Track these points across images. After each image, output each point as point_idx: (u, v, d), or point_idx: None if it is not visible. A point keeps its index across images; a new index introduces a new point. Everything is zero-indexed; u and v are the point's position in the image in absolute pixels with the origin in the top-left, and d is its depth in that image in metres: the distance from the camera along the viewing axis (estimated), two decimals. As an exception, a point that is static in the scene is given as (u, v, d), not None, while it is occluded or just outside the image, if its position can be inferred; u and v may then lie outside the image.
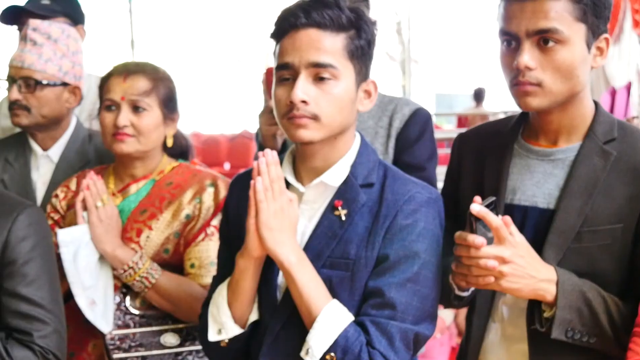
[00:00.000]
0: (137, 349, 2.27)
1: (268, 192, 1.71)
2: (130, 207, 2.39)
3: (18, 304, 1.88)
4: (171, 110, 2.42)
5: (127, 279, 2.27)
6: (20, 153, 2.74)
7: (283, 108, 1.75)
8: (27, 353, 1.85)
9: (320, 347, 1.66)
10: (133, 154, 2.37)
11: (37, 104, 2.60)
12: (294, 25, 1.73)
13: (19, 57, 2.61)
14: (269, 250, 1.71)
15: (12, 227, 1.89)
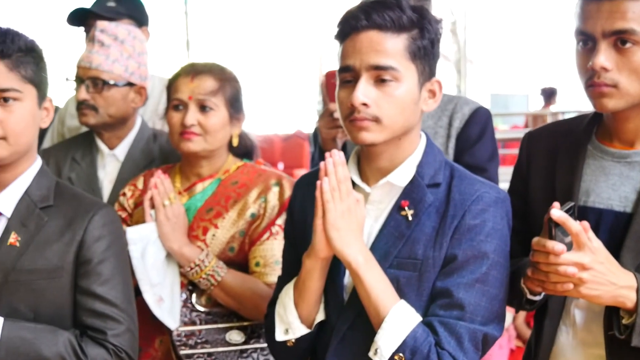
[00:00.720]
0: (203, 346, 2.30)
1: (335, 193, 1.71)
2: (196, 205, 2.42)
3: (93, 303, 1.91)
4: (237, 110, 2.45)
5: (194, 276, 2.31)
6: (86, 152, 2.80)
7: (345, 110, 1.76)
8: (101, 351, 1.88)
9: (389, 348, 1.66)
10: (200, 153, 2.41)
11: (104, 103, 2.65)
12: (355, 28, 1.73)
13: (87, 58, 2.66)
14: (336, 251, 1.71)
15: (87, 227, 1.92)
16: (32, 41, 1.94)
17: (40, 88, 1.93)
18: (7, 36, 1.87)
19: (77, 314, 1.92)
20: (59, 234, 1.92)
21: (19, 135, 1.88)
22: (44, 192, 1.96)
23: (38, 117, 1.94)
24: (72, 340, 1.86)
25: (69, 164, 2.77)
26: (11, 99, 1.86)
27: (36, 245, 1.90)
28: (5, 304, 1.87)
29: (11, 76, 1.86)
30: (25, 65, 1.88)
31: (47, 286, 1.89)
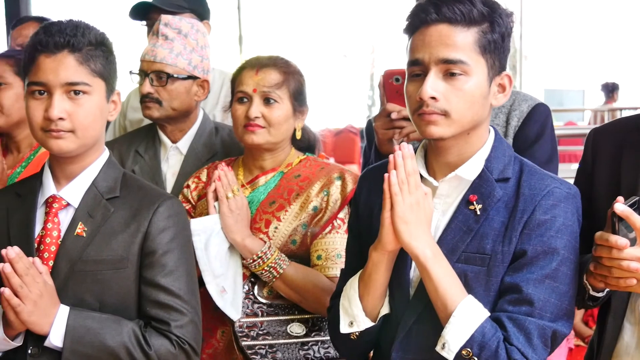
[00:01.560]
0: (264, 337, 2.32)
1: (404, 186, 1.70)
2: (259, 198, 2.43)
3: (157, 294, 1.92)
4: (300, 103, 2.46)
5: (256, 268, 2.32)
6: (150, 145, 2.82)
7: (413, 104, 1.74)
8: (164, 341, 1.90)
9: (457, 342, 1.65)
10: (263, 145, 2.42)
11: (168, 97, 2.67)
12: (424, 21, 1.72)
13: (151, 52, 2.69)
14: (404, 244, 1.70)
15: (152, 219, 1.94)
16: (102, 34, 1.96)
17: (109, 81, 1.95)
18: (78, 30, 1.90)
19: (142, 305, 1.94)
20: (125, 225, 1.94)
21: (87, 129, 1.90)
22: (110, 183, 1.99)
23: (106, 111, 1.96)
24: (136, 331, 1.89)
25: (133, 156, 2.80)
26: (80, 92, 1.88)
27: (102, 236, 1.93)
28: (71, 293, 1.90)
29: (81, 70, 1.88)
30: (95, 59, 1.90)
31: (113, 277, 1.92)
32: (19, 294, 1.78)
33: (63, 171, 1.98)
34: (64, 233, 1.94)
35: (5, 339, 1.86)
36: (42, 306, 1.81)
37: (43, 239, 1.93)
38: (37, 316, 1.81)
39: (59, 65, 1.87)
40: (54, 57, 1.87)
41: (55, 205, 1.95)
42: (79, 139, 1.90)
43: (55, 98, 1.86)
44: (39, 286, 1.81)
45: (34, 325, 1.82)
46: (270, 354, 2.29)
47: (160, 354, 1.88)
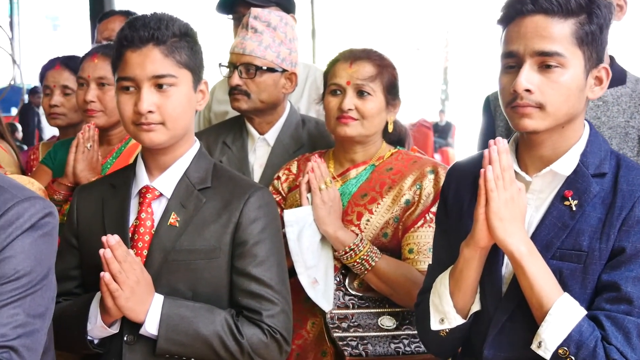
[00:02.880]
0: (355, 330, 2.32)
1: (499, 181, 1.68)
2: (350, 190, 2.44)
3: (248, 284, 1.94)
4: (393, 97, 2.46)
5: (348, 260, 2.33)
6: (237, 136, 2.85)
7: (507, 97, 1.72)
8: (256, 331, 1.92)
9: (554, 341, 1.63)
10: (355, 138, 2.43)
11: (256, 89, 2.70)
12: (520, 12, 1.69)
13: (240, 44, 2.71)
14: (499, 241, 1.68)
15: (243, 209, 1.96)
16: (186, 25, 1.97)
17: (195, 71, 1.96)
18: (162, 22, 1.91)
19: (233, 295, 1.96)
20: (216, 215, 1.96)
21: (176, 120, 1.92)
22: (202, 174, 2.01)
23: (194, 100, 1.98)
24: (229, 320, 1.91)
25: (220, 148, 2.83)
26: (167, 84, 1.90)
27: (194, 226, 1.95)
28: (165, 282, 1.94)
29: (166, 62, 1.90)
30: (180, 50, 1.92)
31: (205, 266, 1.95)
32: (117, 280, 1.82)
33: (155, 162, 2.01)
34: (157, 223, 1.97)
35: (102, 326, 1.90)
36: (138, 293, 1.85)
37: (137, 229, 1.97)
38: (133, 303, 1.85)
39: (145, 59, 1.90)
40: (140, 51, 1.90)
41: (148, 195, 1.99)
42: (169, 130, 1.92)
43: (143, 92, 1.90)
44: (137, 273, 1.85)
45: (130, 312, 1.86)
46: (361, 346, 2.29)
47: (252, 343, 1.90)
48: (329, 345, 2.37)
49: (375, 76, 2.41)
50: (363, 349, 2.29)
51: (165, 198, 1.99)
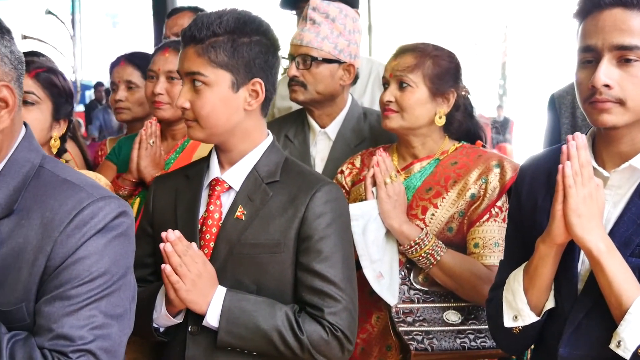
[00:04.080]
0: (421, 324, 2.31)
1: (577, 178, 1.64)
2: (415, 184, 2.42)
3: (312, 280, 1.93)
4: (441, 88, 2.40)
5: (413, 254, 2.31)
6: (299, 130, 2.85)
7: (585, 92, 1.68)
8: (317, 327, 1.91)
9: (634, 341, 1.59)
10: (398, 130, 2.42)
11: (312, 80, 2.70)
12: (597, 5, 1.65)
13: (298, 36, 2.72)
14: (577, 238, 1.65)
15: (309, 204, 1.95)
16: (239, 23, 1.94)
17: (236, 71, 1.93)
18: (207, 20, 1.92)
19: (297, 290, 1.96)
20: (282, 209, 1.96)
21: (207, 119, 1.94)
22: (271, 167, 2.02)
23: (234, 101, 1.95)
24: (290, 315, 1.91)
25: (282, 141, 2.83)
26: (199, 82, 1.92)
27: (260, 220, 1.96)
28: (230, 275, 1.95)
29: (199, 61, 1.91)
30: (217, 49, 1.91)
31: (269, 260, 1.95)
32: (178, 273, 1.85)
33: (225, 156, 2.03)
34: (224, 216, 1.99)
35: (167, 316, 1.94)
36: (200, 286, 1.87)
37: (205, 221, 2.00)
38: (194, 295, 1.87)
39: (184, 57, 1.94)
40: (184, 49, 1.95)
41: (217, 188, 2.01)
42: (204, 128, 1.95)
43: (182, 88, 1.95)
44: (198, 266, 1.87)
45: (191, 304, 1.89)
46: (426, 341, 2.28)
47: (312, 340, 1.90)
48: (394, 339, 2.36)
49: (415, 67, 2.38)
50: (428, 344, 2.28)
51: (234, 191, 2.01)
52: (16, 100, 1.50)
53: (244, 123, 1.99)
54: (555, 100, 2.88)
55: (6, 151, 1.53)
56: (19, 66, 1.52)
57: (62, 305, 1.44)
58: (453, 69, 2.45)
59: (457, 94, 2.44)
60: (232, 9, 1.97)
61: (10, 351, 1.40)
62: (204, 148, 2.63)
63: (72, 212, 1.47)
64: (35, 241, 1.46)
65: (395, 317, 2.31)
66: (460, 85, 2.46)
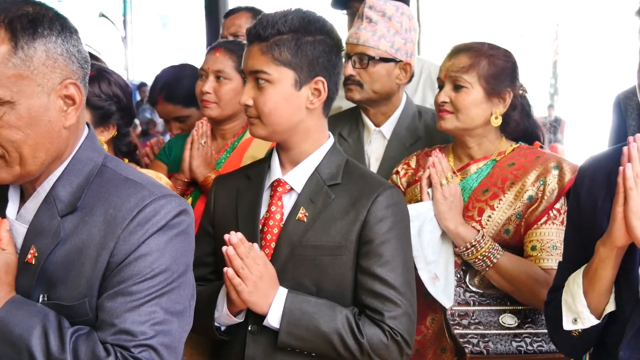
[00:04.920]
0: (476, 327, 2.29)
1: (639, 179, 1.62)
2: (471, 186, 2.40)
3: (372, 283, 1.93)
4: (497, 88, 2.37)
5: (468, 257, 2.29)
6: (353, 128, 2.84)
7: None
8: (377, 331, 1.91)
9: None
10: (453, 131, 2.40)
11: (369, 79, 2.69)
12: None
13: (354, 35, 2.71)
14: (638, 240, 1.62)
15: (371, 208, 1.94)
16: (303, 22, 1.95)
17: (300, 70, 1.93)
18: (272, 19, 1.93)
19: (357, 293, 1.96)
20: (344, 212, 1.96)
21: (270, 116, 1.94)
22: (333, 170, 2.02)
23: (296, 99, 1.95)
24: (350, 318, 1.91)
25: (336, 139, 2.80)
26: (263, 80, 1.92)
27: (322, 222, 1.96)
28: (290, 276, 1.96)
29: (263, 59, 1.92)
30: (282, 48, 1.91)
31: (330, 263, 1.95)
32: (240, 275, 1.86)
33: (286, 156, 2.03)
34: (286, 217, 2.00)
35: (228, 315, 1.95)
36: (261, 287, 1.88)
37: (267, 221, 2.00)
38: (256, 296, 1.88)
39: (248, 55, 1.95)
40: (249, 47, 1.96)
41: (279, 189, 2.02)
42: (266, 125, 1.95)
43: (246, 86, 1.96)
44: (259, 268, 1.88)
45: (253, 305, 1.90)
46: (482, 344, 2.26)
47: (372, 343, 1.89)
48: (448, 341, 2.34)
49: (470, 67, 2.35)
50: (484, 347, 2.26)
51: (296, 192, 2.01)
52: (82, 98, 1.53)
53: (305, 122, 1.99)
54: (621, 101, 2.83)
55: (71, 149, 1.56)
56: (85, 65, 1.54)
57: (124, 301, 1.46)
58: (509, 69, 2.41)
59: (514, 94, 2.40)
60: (297, 9, 1.98)
61: (74, 345, 1.43)
62: (255, 148, 2.65)
63: (135, 210, 1.50)
64: (98, 238, 1.49)
65: (450, 319, 2.30)
66: (517, 85, 2.42)
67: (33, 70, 1.43)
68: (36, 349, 1.41)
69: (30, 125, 1.45)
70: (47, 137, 1.48)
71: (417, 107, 2.87)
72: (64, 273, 1.50)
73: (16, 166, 1.47)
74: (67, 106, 1.50)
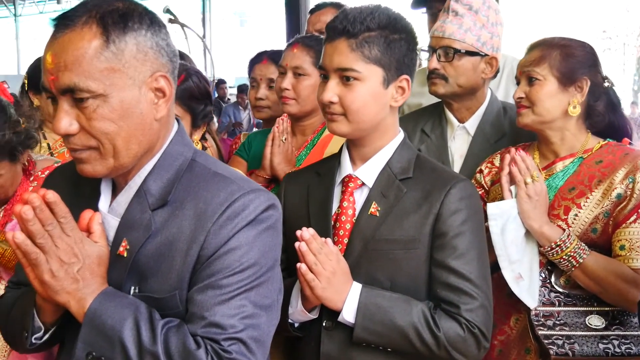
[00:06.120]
0: (561, 328, 2.24)
1: None
2: (556, 184, 2.35)
3: (447, 276, 1.91)
4: (572, 77, 2.32)
5: (554, 256, 2.24)
6: (436, 124, 2.81)
7: None
8: (453, 324, 1.89)
9: None
10: (532, 126, 2.37)
11: (454, 73, 2.65)
12: None
13: (440, 28, 2.68)
14: None
15: (444, 200, 1.93)
16: (391, 19, 1.94)
17: (388, 67, 1.93)
18: (360, 15, 1.91)
19: (431, 287, 1.94)
20: (417, 205, 1.95)
21: (356, 113, 1.93)
22: (404, 164, 2.01)
23: (382, 97, 1.95)
24: (426, 312, 1.89)
25: (419, 136, 2.80)
26: (351, 78, 1.91)
27: (394, 216, 1.95)
28: (364, 271, 1.95)
29: (352, 56, 1.90)
30: (371, 45, 1.90)
31: (404, 257, 1.94)
32: (313, 271, 1.87)
33: (357, 152, 2.03)
34: (358, 212, 1.99)
35: (303, 311, 1.96)
36: (335, 283, 1.89)
37: (339, 217, 2.00)
38: (330, 292, 1.89)
39: (334, 51, 1.93)
40: (332, 43, 1.93)
41: (351, 184, 2.02)
42: (351, 123, 1.94)
43: (329, 82, 1.94)
44: (332, 264, 1.89)
45: (327, 301, 1.90)
46: (567, 345, 2.21)
47: (448, 337, 1.88)
48: (533, 342, 2.30)
49: (541, 59, 2.32)
50: (569, 349, 2.21)
51: (367, 187, 2.01)
52: (172, 90, 1.56)
53: (387, 119, 1.99)
54: None
55: (162, 143, 1.60)
56: (174, 59, 1.57)
57: (214, 294, 1.49)
58: (583, 57, 2.35)
59: (593, 82, 2.34)
60: (380, 6, 1.96)
61: (165, 337, 1.45)
62: (335, 144, 2.65)
63: (225, 204, 1.52)
64: (188, 231, 1.52)
65: (534, 320, 2.25)
66: (597, 74, 2.36)
67: (125, 63, 1.46)
68: (128, 340, 1.44)
69: (122, 117, 1.48)
70: (139, 129, 1.51)
71: (502, 103, 2.82)
72: (154, 266, 1.53)
73: (110, 158, 1.51)
74: (158, 98, 1.53)
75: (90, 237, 1.52)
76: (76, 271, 1.47)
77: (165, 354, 1.44)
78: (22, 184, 2.31)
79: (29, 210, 1.39)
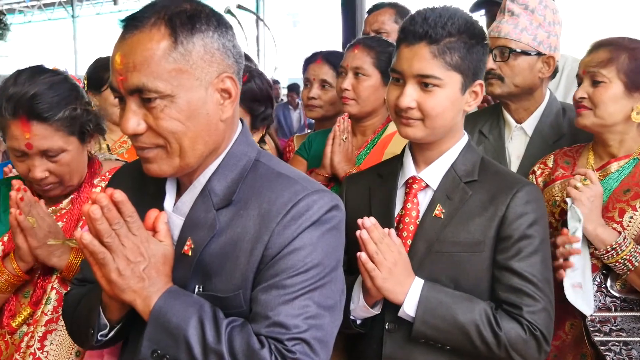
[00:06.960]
0: (618, 334, 2.20)
1: None
2: (611, 185, 2.30)
3: (510, 278, 1.90)
4: (637, 83, 2.26)
5: (609, 260, 2.20)
6: (494, 125, 2.78)
7: None
8: (515, 325, 1.87)
9: None
10: (591, 128, 2.32)
11: (510, 73, 2.63)
12: None
13: (496, 28, 2.66)
14: None
15: (510, 204, 1.92)
16: (468, 22, 1.91)
17: (467, 73, 1.91)
18: (441, 19, 1.88)
19: (494, 288, 1.93)
20: (482, 208, 1.94)
21: (435, 119, 1.91)
22: (469, 167, 2.00)
23: (460, 102, 1.94)
24: (488, 311, 1.88)
25: (476, 137, 2.77)
26: (431, 84, 1.89)
27: (459, 218, 1.94)
28: (427, 273, 1.94)
29: (434, 63, 1.87)
30: (453, 51, 1.87)
31: (468, 259, 1.93)
32: (374, 260, 1.86)
33: (422, 155, 2.02)
34: (422, 214, 1.99)
35: (365, 306, 1.95)
36: (396, 274, 1.88)
37: (402, 219, 2.00)
38: (391, 283, 1.88)
39: (414, 56, 1.89)
40: (412, 47, 1.90)
41: (415, 186, 2.01)
42: (427, 128, 1.92)
43: (407, 87, 1.91)
44: (394, 255, 1.88)
45: (388, 293, 1.89)
46: (624, 352, 2.17)
47: (510, 337, 1.86)
48: (588, 348, 2.26)
49: (609, 61, 2.26)
50: (627, 355, 2.17)
51: (431, 189, 2.01)
52: (238, 91, 1.57)
53: (459, 123, 2.00)
54: None
55: (226, 143, 1.61)
56: (239, 60, 1.58)
57: (278, 294, 1.49)
58: None
59: None
60: (454, 8, 1.93)
61: (229, 336, 1.47)
62: (396, 145, 2.65)
63: (289, 204, 1.52)
64: (253, 231, 1.53)
65: (590, 325, 2.21)
66: None
67: (192, 64, 1.48)
68: (193, 338, 1.45)
69: (189, 117, 1.49)
70: (206, 130, 1.53)
71: (561, 104, 2.78)
72: (219, 265, 1.54)
73: (176, 158, 1.53)
74: (224, 99, 1.55)
75: (156, 236, 1.54)
76: (142, 270, 1.49)
77: (230, 353, 1.45)
78: (86, 181, 2.33)
79: (97, 209, 1.41)
